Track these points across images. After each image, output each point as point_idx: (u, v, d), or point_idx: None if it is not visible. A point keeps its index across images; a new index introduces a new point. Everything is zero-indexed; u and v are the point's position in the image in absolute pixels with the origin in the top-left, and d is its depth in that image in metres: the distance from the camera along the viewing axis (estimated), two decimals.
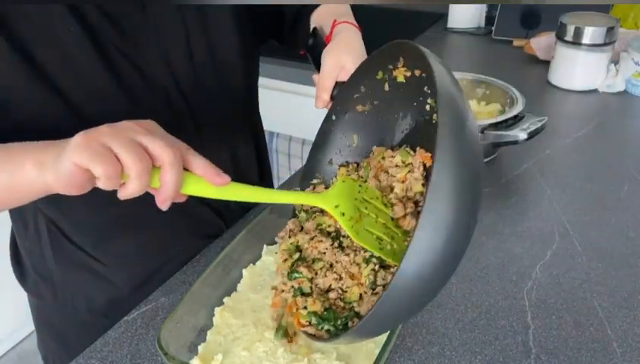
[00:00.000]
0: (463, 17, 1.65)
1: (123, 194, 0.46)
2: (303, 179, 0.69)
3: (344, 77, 0.68)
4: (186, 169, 0.48)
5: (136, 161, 0.44)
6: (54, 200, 0.57)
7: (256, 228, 0.72)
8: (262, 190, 0.53)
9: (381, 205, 0.58)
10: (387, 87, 0.63)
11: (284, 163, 1.68)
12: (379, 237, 0.55)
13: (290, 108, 1.57)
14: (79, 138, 0.45)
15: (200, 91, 0.73)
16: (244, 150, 0.85)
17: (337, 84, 0.70)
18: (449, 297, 0.70)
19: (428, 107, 0.59)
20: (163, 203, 0.47)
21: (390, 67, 0.62)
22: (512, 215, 0.85)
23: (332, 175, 0.68)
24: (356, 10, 0.82)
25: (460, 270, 0.74)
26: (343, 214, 0.56)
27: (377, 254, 0.55)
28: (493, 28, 1.57)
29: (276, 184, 1.73)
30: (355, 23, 0.77)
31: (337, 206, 0.56)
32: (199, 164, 0.48)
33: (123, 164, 0.44)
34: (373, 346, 0.60)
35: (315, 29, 0.77)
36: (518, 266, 0.75)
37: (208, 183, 0.48)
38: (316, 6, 0.83)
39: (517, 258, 0.76)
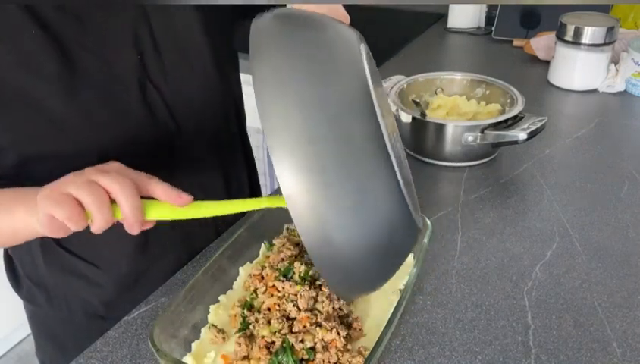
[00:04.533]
0: (463, 17, 1.65)
1: (94, 229, 0.51)
2: None
3: None
4: (152, 198, 0.52)
5: (89, 196, 0.49)
6: None
7: (255, 226, 0.72)
8: (226, 203, 0.55)
9: None
10: None
11: None
12: None
13: None
14: (44, 191, 0.51)
15: (171, 80, 0.70)
16: (229, 149, 0.84)
17: None
18: (449, 297, 0.70)
19: None
20: (130, 230, 0.52)
21: None
22: (512, 215, 0.85)
23: None
24: (357, 10, 0.82)
25: (460, 270, 0.74)
26: None
27: None
28: (493, 28, 1.57)
29: (276, 184, 1.73)
30: None
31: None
32: (160, 189, 0.52)
33: (82, 203, 0.49)
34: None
35: None
36: (518, 266, 0.75)
37: (172, 205, 0.52)
38: None
39: (517, 258, 0.76)
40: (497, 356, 0.62)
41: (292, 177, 0.39)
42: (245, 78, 0.87)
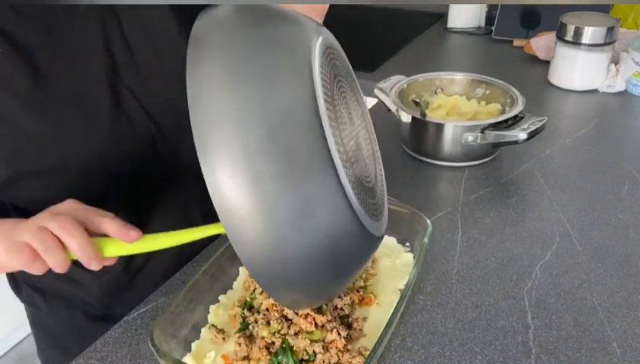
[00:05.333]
0: (463, 17, 1.65)
1: (54, 269, 0.54)
2: None
3: None
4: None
5: (40, 243, 0.52)
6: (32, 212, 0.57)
7: None
8: (177, 233, 0.55)
9: None
10: None
11: None
12: None
13: None
14: (3, 242, 0.53)
15: (146, 81, 0.68)
16: None
17: None
18: (449, 297, 0.70)
19: None
20: (89, 267, 0.54)
21: None
22: (512, 215, 0.85)
23: None
24: (357, 9, 0.82)
25: (460, 270, 0.74)
26: None
27: None
28: (493, 28, 1.57)
29: None
30: None
31: None
32: (110, 227, 0.53)
33: (35, 249, 0.52)
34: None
35: None
36: (518, 266, 0.75)
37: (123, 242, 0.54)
38: None
39: (517, 258, 0.76)
40: (497, 356, 0.62)
41: (225, 190, 0.36)
42: None
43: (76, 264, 0.55)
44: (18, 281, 0.80)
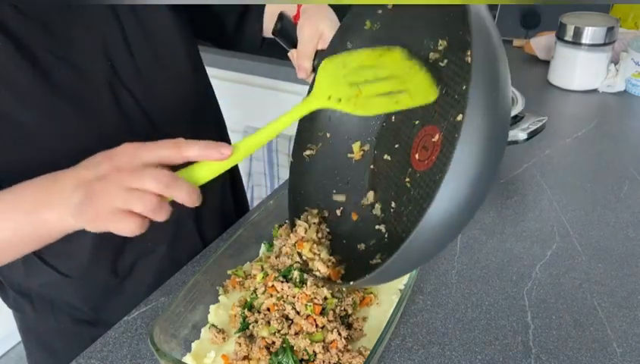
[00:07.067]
0: None
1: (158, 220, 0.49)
2: (295, 151, 0.68)
3: (323, 45, 0.67)
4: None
5: (142, 206, 0.47)
6: None
7: (255, 226, 0.72)
8: (264, 130, 0.52)
9: (374, 61, 0.54)
10: None
11: (284, 163, 1.68)
12: (389, 93, 0.53)
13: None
14: (84, 214, 0.49)
15: (145, 82, 0.69)
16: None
17: (317, 53, 0.67)
18: (449, 297, 0.70)
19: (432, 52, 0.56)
20: (194, 205, 0.49)
21: (380, 11, 0.58)
22: (512, 215, 0.85)
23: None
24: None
25: (460, 270, 0.74)
26: (340, 99, 0.53)
27: (394, 110, 0.53)
28: None
29: (276, 184, 1.73)
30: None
31: (329, 97, 0.54)
32: (195, 153, 0.49)
33: (139, 212, 0.48)
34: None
35: (281, 12, 0.73)
36: (518, 266, 0.75)
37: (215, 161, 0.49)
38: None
39: (517, 258, 0.76)
40: (497, 356, 0.62)
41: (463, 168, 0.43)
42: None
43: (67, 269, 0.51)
44: (4, 286, 0.79)
